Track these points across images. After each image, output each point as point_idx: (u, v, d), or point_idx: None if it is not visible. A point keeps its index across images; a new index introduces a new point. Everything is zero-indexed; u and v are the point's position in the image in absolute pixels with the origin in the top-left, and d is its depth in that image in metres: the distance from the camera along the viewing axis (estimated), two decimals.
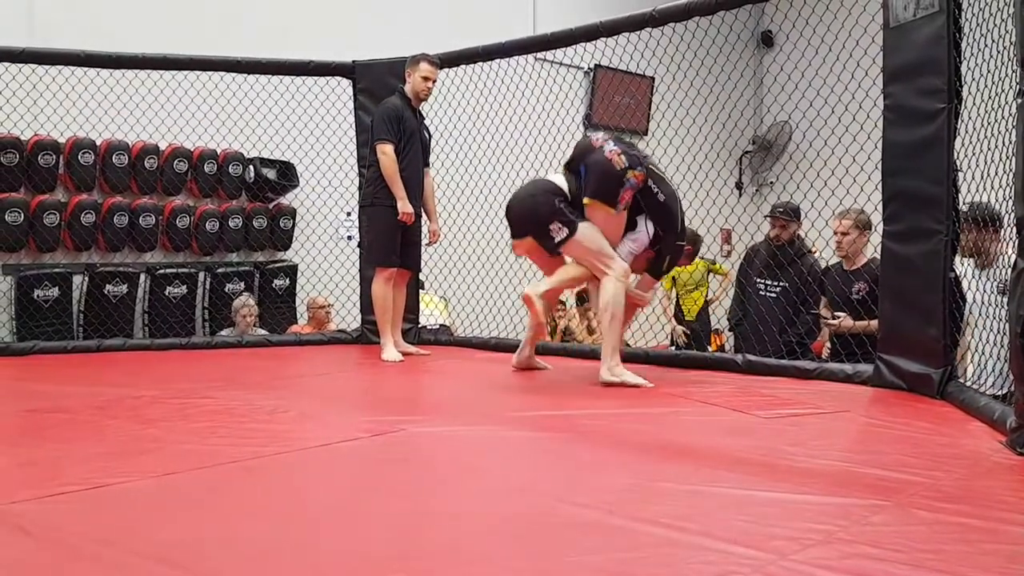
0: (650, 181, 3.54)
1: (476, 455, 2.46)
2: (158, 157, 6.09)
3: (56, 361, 4.61)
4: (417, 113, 4.61)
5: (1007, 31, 2.80)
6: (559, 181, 3.65)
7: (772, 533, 1.65)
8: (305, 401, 3.40)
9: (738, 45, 7.72)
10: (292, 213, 6.73)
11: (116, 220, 5.89)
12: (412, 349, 4.70)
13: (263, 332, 5.98)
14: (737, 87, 7.67)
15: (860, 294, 4.14)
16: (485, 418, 2.94)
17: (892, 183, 3.32)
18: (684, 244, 3.82)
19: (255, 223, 6.55)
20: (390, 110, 4.48)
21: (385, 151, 4.41)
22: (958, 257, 3.24)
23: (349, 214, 6.33)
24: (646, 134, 8.71)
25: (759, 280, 4.79)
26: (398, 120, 4.45)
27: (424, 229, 4.78)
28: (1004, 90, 2.78)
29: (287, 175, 6.62)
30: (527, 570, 1.53)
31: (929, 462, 2.22)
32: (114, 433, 2.72)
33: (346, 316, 5.99)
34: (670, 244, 3.68)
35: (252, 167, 6.54)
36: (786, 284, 4.62)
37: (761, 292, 4.75)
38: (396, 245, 4.51)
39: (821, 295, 4.47)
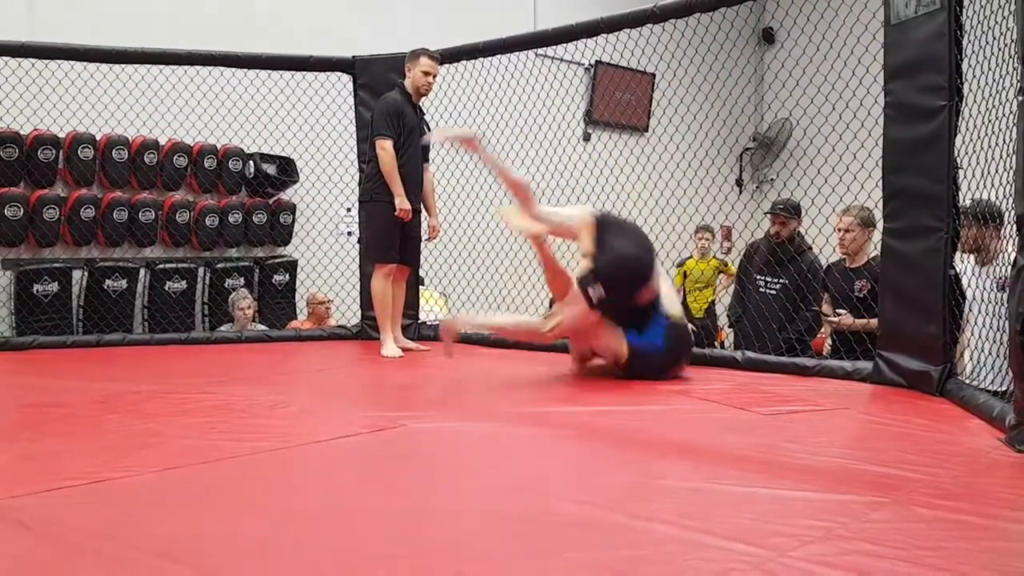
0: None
1: (476, 451, 2.47)
2: (158, 152, 6.09)
3: (55, 356, 4.61)
4: (417, 108, 4.60)
5: (1008, 28, 2.80)
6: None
7: (772, 530, 1.65)
8: (305, 397, 3.40)
9: (739, 42, 7.73)
10: (292, 208, 6.73)
11: (116, 215, 5.89)
12: (412, 345, 4.70)
13: (263, 327, 5.98)
14: (738, 84, 7.68)
15: (862, 292, 4.13)
16: (485, 414, 2.94)
17: (892, 180, 3.32)
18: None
19: (255, 218, 6.55)
20: (390, 105, 4.46)
21: (384, 147, 4.39)
22: (958, 254, 3.24)
23: (349, 210, 6.33)
24: (647, 131, 8.71)
25: (759, 277, 4.79)
26: (398, 116, 4.43)
27: (424, 225, 4.78)
28: (1005, 87, 2.78)
29: (287, 171, 6.62)
30: (527, 567, 1.53)
31: (928, 459, 2.22)
32: (114, 428, 2.71)
33: (346, 312, 5.99)
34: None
35: (252, 162, 6.54)
36: (786, 281, 4.63)
37: (761, 289, 4.75)
38: (395, 241, 4.51)
39: (822, 292, 4.46)
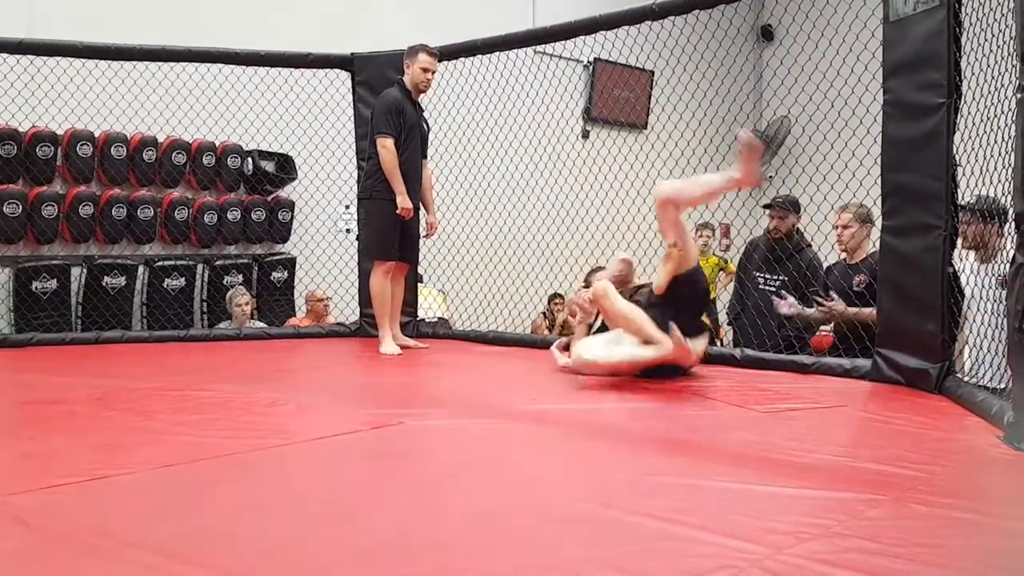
0: None
1: (474, 448, 2.47)
2: (156, 149, 6.09)
3: (54, 353, 4.60)
4: (416, 105, 4.59)
5: (1007, 25, 2.80)
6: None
7: (769, 527, 1.65)
8: (303, 394, 3.40)
9: (738, 39, 7.71)
10: (290, 206, 6.73)
11: (114, 212, 5.88)
12: (410, 342, 4.70)
13: (261, 325, 5.98)
14: (737, 81, 7.66)
15: (860, 286, 4.14)
16: (483, 411, 2.94)
17: (891, 178, 3.32)
18: None
19: (253, 215, 6.55)
20: (390, 103, 4.46)
21: (385, 145, 4.39)
22: (957, 252, 3.24)
23: (348, 207, 6.33)
24: (646, 128, 8.71)
25: (758, 274, 4.79)
26: (399, 113, 4.42)
27: (422, 222, 4.78)
28: (1004, 85, 2.78)
29: (285, 168, 6.62)
30: (525, 564, 1.53)
31: (926, 457, 2.22)
32: (112, 425, 2.71)
33: (344, 309, 5.99)
34: None
35: (251, 160, 6.54)
36: (785, 278, 4.62)
37: (760, 286, 4.74)
38: (394, 239, 4.50)
39: (822, 290, 4.46)
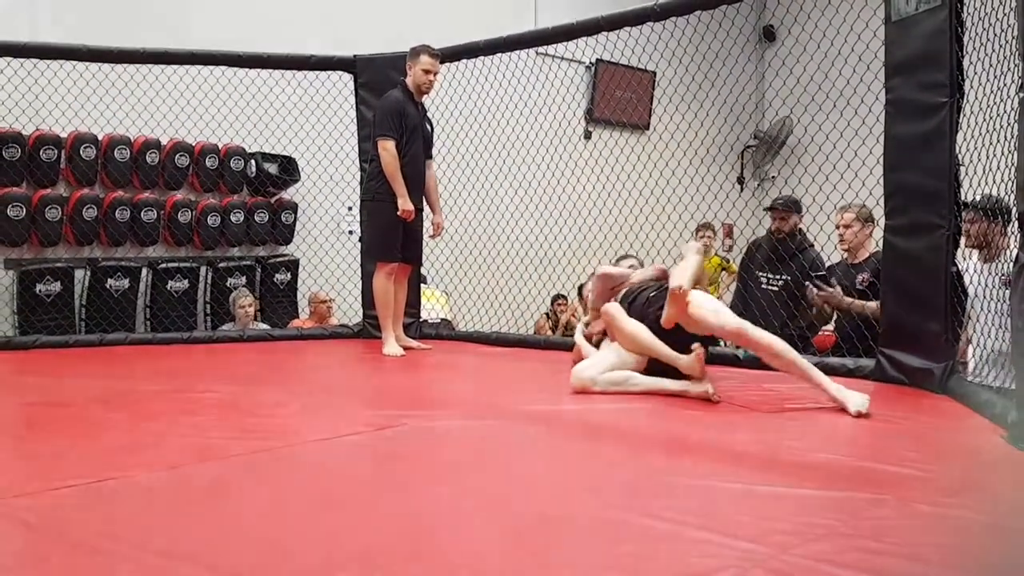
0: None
1: (478, 449, 2.47)
2: (160, 152, 6.10)
3: (58, 355, 4.61)
4: (419, 106, 4.60)
5: (1009, 25, 2.80)
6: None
7: (773, 527, 1.65)
8: (307, 395, 3.40)
9: (740, 39, 7.71)
10: (293, 208, 6.74)
11: (118, 214, 5.89)
12: (413, 343, 4.71)
13: (264, 326, 5.99)
14: (739, 82, 7.67)
15: (863, 284, 4.14)
16: (487, 412, 2.94)
17: (894, 178, 3.32)
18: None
19: (256, 217, 6.56)
20: (392, 105, 4.46)
21: (387, 147, 4.39)
22: (960, 251, 3.24)
23: (350, 208, 6.33)
24: (648, 129, 8.71)
25: (761, 274, 4.79)
26: (400, 115, 4.43)
27: (427, 222, 4.78)
28: (1006, 84, 2.78)
29: (288, 170, 6.63)
30: (528, 564, 1.53)
31: (930, 456, 2.22)
32: (116, 427, 2.72)
33: (347, 310, 6.00)
34: None
35: (254, 162, 6.55)
36: (788, 278, 4.62)
37: (763, 286, 4.74)
38: (397, 240, 4.51)
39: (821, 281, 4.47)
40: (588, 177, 6.63)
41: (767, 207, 4.90)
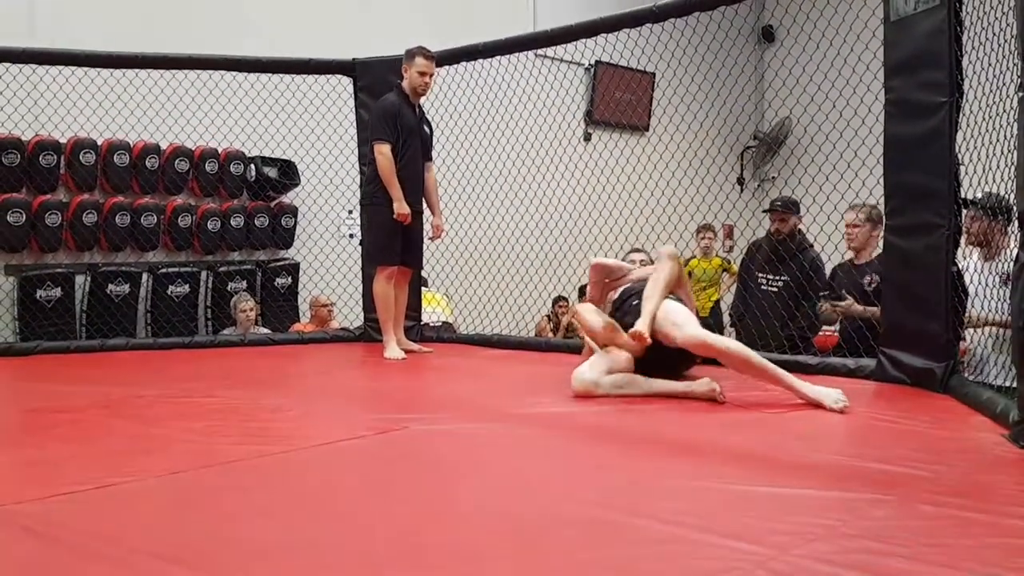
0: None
1: (479, 452, 2.47)
2: (159, 156, 6.10)
3: (59, 361, 4.61)
4: (416, 108, 4.60)
5: (1008, 24, 2.80)
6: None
7: (774, 528, 1.65)
8: (308, 399, 3.40)
9: (739, 40, 7.72)
10: (294, 211, 6.74)
11: (118, 220, 5.89)
12: (414, 347, 4.71)
13: (265, 331, 5.99)
14: (738, 83, 7.67)
15: (871, 285, 4.12)
16: (487, 415, 2.94)
17: (894, 177, 3.32)
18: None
19: (257, 222, 6.56)
20: (386, 108, 4.48)
21: (382, 151, 4.40)
22: (960, 250, 3.24)
23: (351, 212, 6.34)
24: (647, 130, 8.71)
25: (761, 275, 4.79)
26: (395, 118, 4.44)
27: (427, 225, 4.78)
28: (1005, 83, 2.78)
29: (288, 173, 6.63)
30: (531, 568, 1.53)
31: (931, 456, 2.22)
32: (118, 433, 2.72)
33: (348, 314, 6.00)
34: None
35: (253, 166, 6.54)
36: (788, 279, 4.62)
37: (763, 287, 4.74)
38: (396, 244, 4.51)
39: (824, 290, 4.46)
40: (588, 179, 6.63)
41: (766, 209, 4.90)
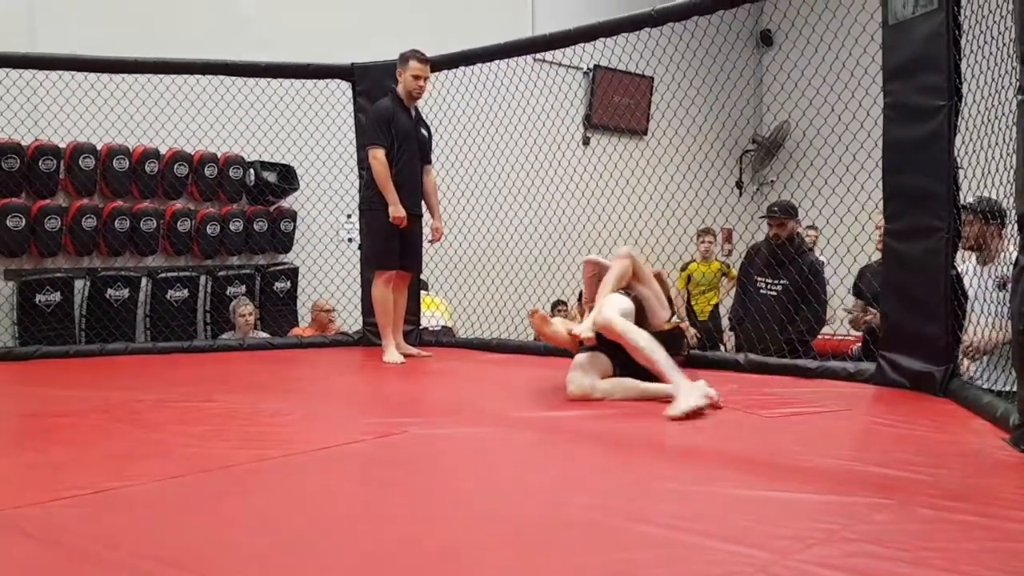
0: None
1: (479, 457, 2.47)
2: (159, 161, 6.10)
3: (58, 365, 4.61)
4: (412, 112, 4.60)
5: (1007, 27, 2.80)
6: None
7: (775, 532, 1.65)
8: (308, 403, 3.40)
9: (737, 44, 7.73)
10: (293, 216, 6.74)
11: (117, 224, 5.89)
12: (414, 351, 4.70)
13: (264, 335, 5.99)
14: (737, 86, 7.68)
15: None
16: (486, 419, 2.94)
17: (893, 181, 3.32)
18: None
19: (256, 226, 6.56)
20: (380, 113, 4.49)
21: (376, 156, 4.41)
22: (960, 254, 3.24)
23: (349, 216, 6.34)
24: (646, 134, 8.72)
25: (759, 279, 4.80)
26: (388, 122, 4.45)
27: (426, 228, 4.78)
28: (1004, 87, 2.79)
29: (287, 178, 6.63)
30: (531, 572, 1.53)
31: (932, 460, 2.21)
32: (117, 437, 2.72)
33: (347, 318, 6.00)
34: None
35: (252, 170, 6.55)
36: (787, 282, 4.63)
37: (762, 291, 4.75)
38: (395, 248, 4.51)
39: (823, 293, 4.46)
40: (587, 183, 6.64)
41: (763, 215, 4.90)
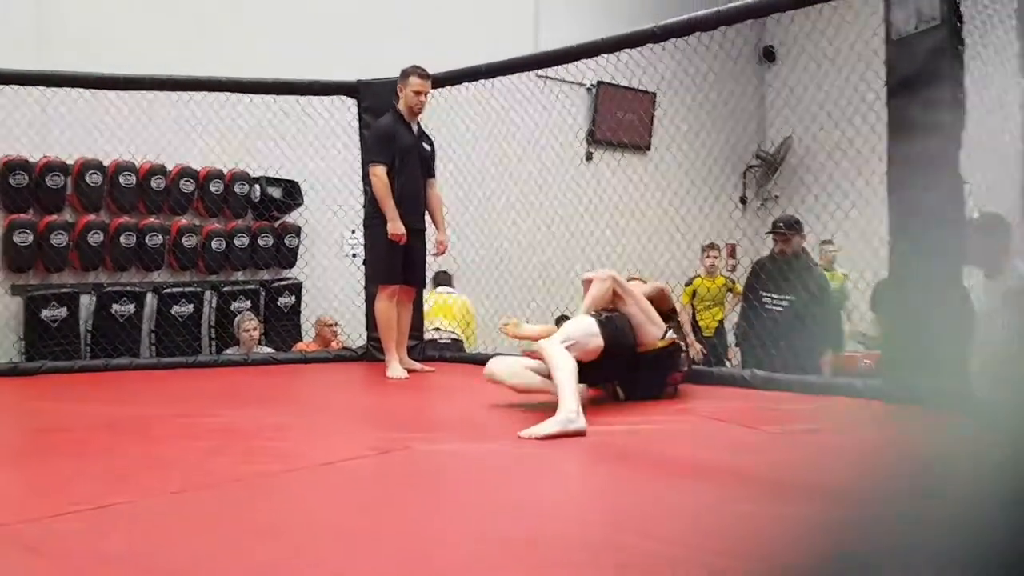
0: None
1: (482, 472, 2.46)
2: (165, 177, 6.14)
3: (64, 381, 4.61)
4: (415, 127, 4.62)
5: (1010, 43, 2.82)
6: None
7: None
8: (311, 419, 3.39)
9: (740, 61, 7.76)
10: (297, 231, 6.76)
11: (123, 240, 5.92)
12: (417, 366, 4.70)
13: (268, 350, 5.99)
14: (739, 102, 7.70)
15: None
16: (490, 435, 2.93)
17: (897, 196, 3.32)
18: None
19: (261, 241, 6.58)
20: (381, 130, 4.53)
21: (376, 172, 4.44)
22: (966, 269, 3.23)
23: (353, 232, 6.36)
24: (649, 149, 8.74)
25: (765, 294, 4.79)
26: (389, 139, 4.48)
27: (429, 243, 4.78)
28: (1008, 102, 2.80)
29: (292, 194, 6.66)
30: None
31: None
32: (121, 452, 2.71)
33: (351, 333, 6.00)
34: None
35: (258, 186, 6.58)
36: (793, 298, 4.62)
37: (768, 306, 4.74)
38: (397, 263, 4.51)
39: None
40: (590, 198, 6.65)
41: (768, 231, 4.90)
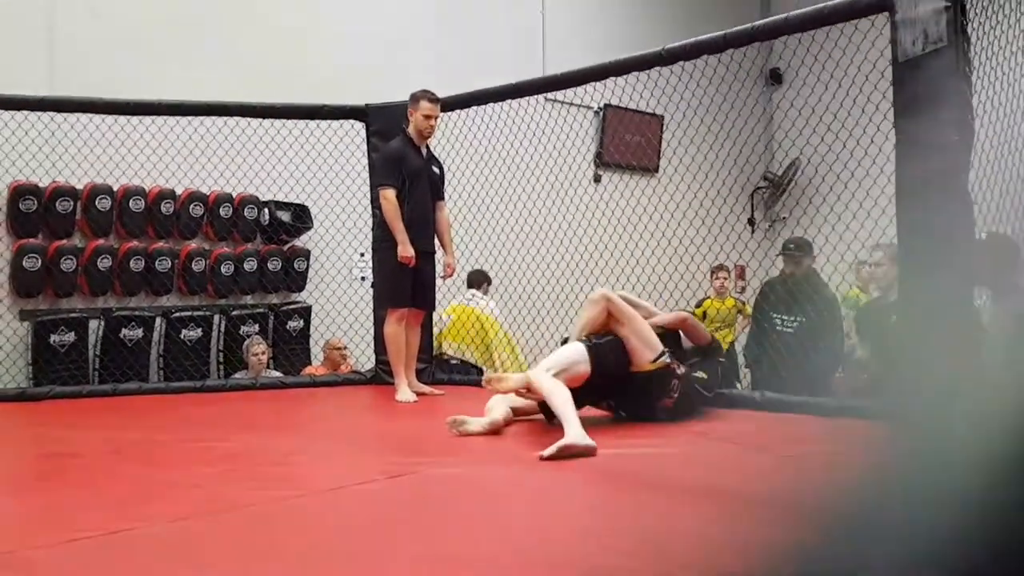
0: None
1: (492, 497, 2.44)
2: (174, 202, 6.16)
3: (72, 406, 4.61)
4: (424, 150, 4.64)
5: (1017, 63, 2.81)
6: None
7: None
8: (320, 443, 3.38)
9: (747, 82, 7.77)
10: (306, 255, 6.77)
11: (132, 264, 5.93)
12: (426, 389, 4.69)
13: (277, 374, 5.98)
14: (747, 124, 7.71)
15: None
16: (500, 458, 2.91)
17: (907, 217, 3.31)
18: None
19: (270, 265, 6.59)
20: (390, 153, 4.56)
21: (386, 196, 4.46)
22: (976, 290, 3.21)
23: (362, 255, 6.36)
24: (657, 171, 8.75)
25: (775, 316, 4.77)
26: (398, 162, 4.50)
27: (439, 266, 4.79)
28: (1017, 122, 2.79)
29: (301, 217, 6.68)
30: None
31: None
32: (129, 478, 2.70)
33: (360, 356, 5.99)
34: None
35: (267, 210, 6.60)
36: (803, 319, 4.60)
37: (778, 328, 4.72)
38: (406, 286, 4.52)
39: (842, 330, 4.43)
40: (599, 220, 6.65)
41: (780, 252, 4.89)
